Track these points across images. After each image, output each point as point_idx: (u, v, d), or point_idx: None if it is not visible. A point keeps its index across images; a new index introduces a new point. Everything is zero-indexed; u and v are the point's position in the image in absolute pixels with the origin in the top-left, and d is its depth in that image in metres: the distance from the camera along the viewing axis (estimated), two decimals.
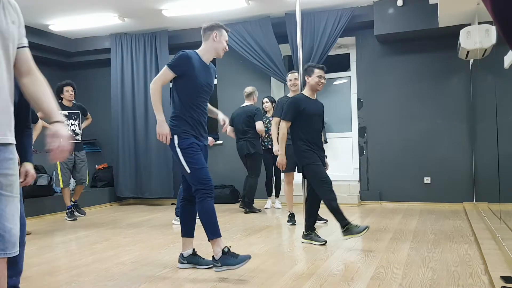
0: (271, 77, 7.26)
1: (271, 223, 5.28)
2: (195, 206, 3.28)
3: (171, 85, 7.63)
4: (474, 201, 6.21)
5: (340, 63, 7.32)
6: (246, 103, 6.27)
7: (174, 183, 7.42)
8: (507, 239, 3.39)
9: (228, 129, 6.32)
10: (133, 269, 3.37)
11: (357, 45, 6.91)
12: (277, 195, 6.64)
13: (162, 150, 7.43)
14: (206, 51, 3.28)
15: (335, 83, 7.42)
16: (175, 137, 3.16)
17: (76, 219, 5.95)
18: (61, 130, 1.73)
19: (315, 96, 4.23)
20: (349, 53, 7.23)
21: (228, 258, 3.06)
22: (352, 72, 7.18)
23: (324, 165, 4.17)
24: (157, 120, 3.14)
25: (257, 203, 6.60)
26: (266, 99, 6.56)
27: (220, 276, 3.09)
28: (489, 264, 3.00)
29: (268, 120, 6.42)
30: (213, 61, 3.49)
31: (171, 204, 7.54)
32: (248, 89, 6.32)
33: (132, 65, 7.64)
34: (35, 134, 5.18)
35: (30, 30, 7.21)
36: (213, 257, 3.12)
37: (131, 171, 7.55)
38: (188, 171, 3.12)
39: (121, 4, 6.33)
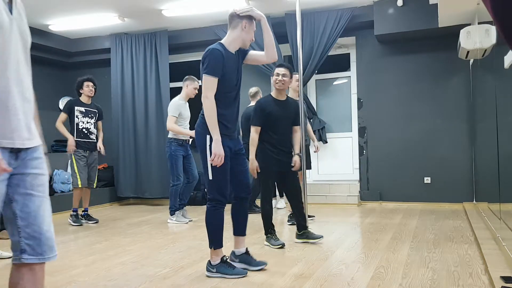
0: (271, 77, 7.25)
1: None
2: (247, 203, 3.27)
3: (171, 85, 7.72)
4: (474, 201, 6.21)
5: (340, 63, 7.32)
6: (252, 103, 6.20)
7: None
8: (507, 239, 3.39)
9: None
10: (133, 269, 3.37)
11: (357, 45, 6.91)
12: (281, 195, 6.64)
13: (163, 150, 7.42)
14: (233, 41, 3.09)
15: (335, 83, 7.42)
16: (208, 137, 3.02)
17: (82, 225, 5.60)
18: None
19: (285, 97, 4.08)
20: (349, 53, 7.23)
21: (225, 267, 3.07)
22: (352, 72, 7.18)
23: (287, 169, 4.02)
24: (213, 139, 2.96)
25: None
26: None
27: (220, 277, 3.09)
28: (489, 264, 3.00)
29: None
30: None
31: None
32: (253, 89, 6.24)
33: (132, 65, 7.64)
34: None
35: (30, 30, 7.20)
36: (209, 261, 3.13)
37: (131, 171, 7.56)
38: (210, 177, 3.03)
39: (121, 4, 6.33)
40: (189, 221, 5.58)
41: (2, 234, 4.77)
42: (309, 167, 5.48)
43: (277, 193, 6.65)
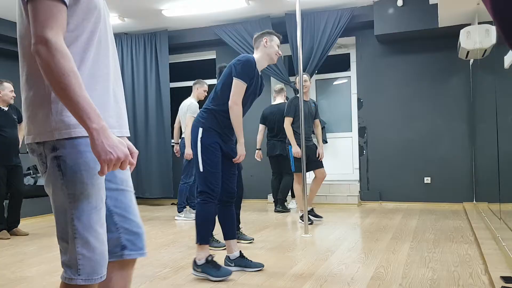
0: (271, 77, 7.26)
1: (271, 223, 5.28)
2: (232, 207, 3.27)
3: (171, 85, 7.72)
4: (474, 201, 6.21)
5: (340, 63, 7.32)
6: (278, 100, 6.16)
7: (174, 183, 7.43)
8: (507, 239, 3.39)
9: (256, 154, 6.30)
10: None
11: (357, 45, 6.92)
12: (293, 196, 6.65)
13: (163, 150, 7.43)
14: (259, 58, 3.23)
15: (335, 83, 7.42)
16: (200, 130, 3.09)
17: None
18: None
19: None
20: (349, 53, 7.23)
21: (210, 268, 3.03)
22: (352, 72, 7.18)
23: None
24: (239, 143, 3.12)
25: (254, 202, 6.60)
26: None
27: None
28: (489, 264, 3.00)
29: None
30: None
31: (171, 204, 7.54)
32: (278, 86, 6.28)
33: (132, 65, 7.64)
34: (21, 134, 5.06)
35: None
36: (194, 260, 3.09)
37: (131, 171, 7.55)
38: (201, 169, 3.06)
39: (121, 4, 6.33)
40: None
41: (2, 234, 4.78)
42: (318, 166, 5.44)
43: (289, 193, 6.66)
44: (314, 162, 5.22)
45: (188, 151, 5.37)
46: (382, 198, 6.75)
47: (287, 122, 5.16)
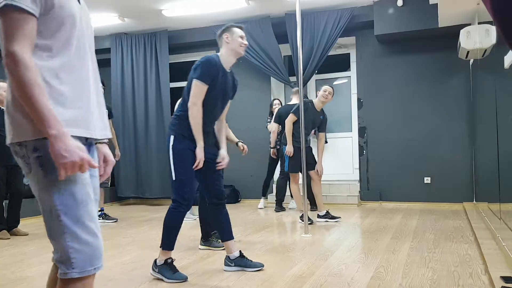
0: (271, 77, 7.26)
1: (271, 223, 5.28)
2: (224, 208, 3.26)
3: (171, 85, 7.71)
4: (474, 201, 6.21)
5: (340, 63, 7.32)
6: (294, 101, 6.12)
7: None
8: (507, 239, 3.39)
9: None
10: (133, 269, 3.37)
11: (357, 45, 6.91)
12: (291, 196, 6.65)
13: (163, 150, 7.43)
14: (224, 55, 3.16)
15: (335, 83, 7.42)
16: (171, 137, 3.06)
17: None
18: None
19: None
20: (349, 53, 7.23)
21: (167, 270, 3.04)
22: (352, 72, 7.18)
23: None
24: (197, 146, 3.00)
25: (254, 202, 6.60)
26: (277, 101, 6.54)
27: (220, 277, 3.10)
28: (489, 264, 3.00)
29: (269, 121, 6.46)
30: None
31: None
32: (296, 88, 6.28)
33: (132, 65, 7.64)
34: None
35: None
36: (155, 260, 3.11)
37: (131, 171, 7.56)
38: (173, 177, 3.05)
39: (121, 4, 6.33)
40: (197, 217, 5.71)
41: (2, 234, 4.78)
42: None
43: (290, 193, 6.65)
44: (308, 164, 5.17)
45: None
46: (382, 198, 6.75)
47: (290, 118, 5.15)
